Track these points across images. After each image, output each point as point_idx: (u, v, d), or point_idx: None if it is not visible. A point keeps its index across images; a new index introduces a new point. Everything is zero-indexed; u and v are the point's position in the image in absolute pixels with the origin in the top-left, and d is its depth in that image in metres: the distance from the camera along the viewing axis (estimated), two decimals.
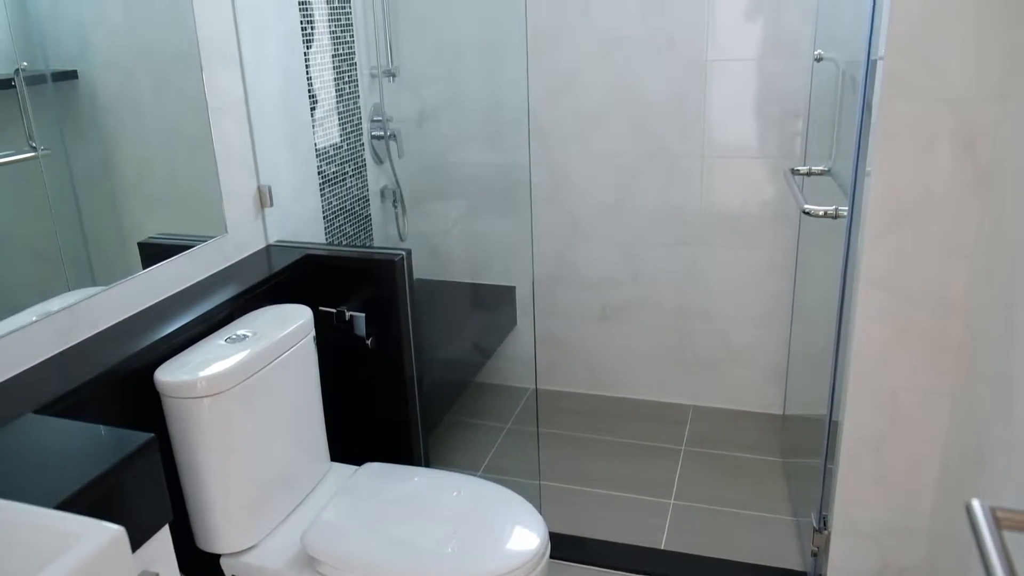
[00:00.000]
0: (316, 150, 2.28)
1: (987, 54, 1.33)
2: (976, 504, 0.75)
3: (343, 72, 2.41)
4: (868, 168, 1.47)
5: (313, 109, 2.26)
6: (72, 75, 1.48)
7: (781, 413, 2.78)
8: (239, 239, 1.93)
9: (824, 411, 1.75)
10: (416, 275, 2.02)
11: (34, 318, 1.38)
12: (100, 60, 1.53)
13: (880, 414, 1.59)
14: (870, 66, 1.46)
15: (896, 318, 1.52)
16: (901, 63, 1.38)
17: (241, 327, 1.64)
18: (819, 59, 2.17)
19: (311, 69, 2.24)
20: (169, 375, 1.45)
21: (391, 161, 2.67)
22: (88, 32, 1.50)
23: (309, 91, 2.23)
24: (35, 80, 1.39)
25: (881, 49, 1.39)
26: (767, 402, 2.79)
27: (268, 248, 2.03)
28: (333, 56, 2.35)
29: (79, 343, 1.47)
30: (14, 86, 1.35)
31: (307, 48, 2.21)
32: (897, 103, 1.40)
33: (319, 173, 2.31)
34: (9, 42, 1.35)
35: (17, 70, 1.36)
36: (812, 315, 2.29)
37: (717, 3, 2.40)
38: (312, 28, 2.23)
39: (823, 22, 2.26)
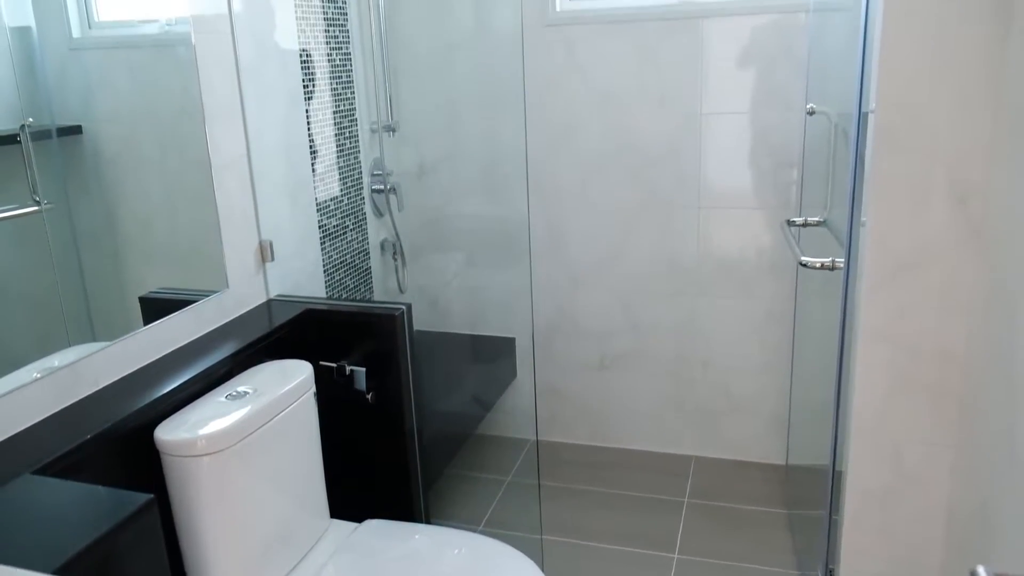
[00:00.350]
0: (317, 204, 2.31)
1: (977, 109, 1.36)
2: (981, 572, 0.74)
3: (344, 127, 2.45)
4: (863, 219, 1.49)
5: (314, 164, 2.29)
6: (76, 130, 1.50)
7: (784, 463, 2.76)
8: (240, 294, 1.94)
9: (827, 461, 1.74)
10: (416, 327, 2.02)
11: (36, 375, 1.38)
12: (104, 116, 1.56)
13: (884, 466, 1.58)
14: (861, 119, 1.48)
15: (896, 370, 1.51)
16: (892, 117, 1.40)
17: (241, 383, 1.64)
18: (811, 112, 2.20)
19: (312, 125, 2.27)
20: (169, 433, 1.44)
21: (391, 214, 2.69)
22: (93, 90, 1.53)
23: (310, 146, 2.26)
24: (40, 135, 1.41)
25: (872, 103, 1.42)
26: (769, 452, 2.77)
27: (269, 303, 2.03)
28: (334, 112, 2.39)
29: (79, 401, 1.46)
30: (19, 141, 1.37)
31: (308, 104, 2.25)
32: (889, 157, 1.42)
33: (320, 227, 2.33)
34: (16, 98, 1.37)
35: (23, 125, 1.38)
36: (812, 365, 2.28)
37: (710, 58, 2.45)
38: (313, 85, 2.27)
39: (814, 76, 2.31)
